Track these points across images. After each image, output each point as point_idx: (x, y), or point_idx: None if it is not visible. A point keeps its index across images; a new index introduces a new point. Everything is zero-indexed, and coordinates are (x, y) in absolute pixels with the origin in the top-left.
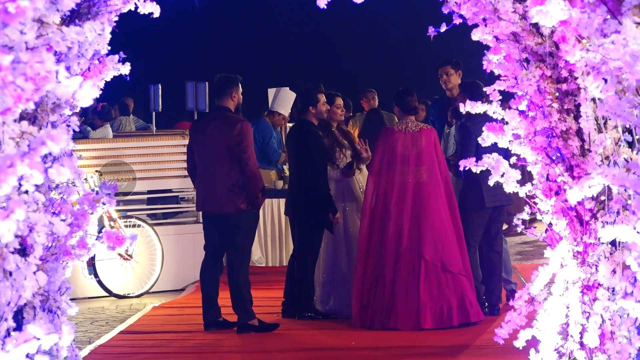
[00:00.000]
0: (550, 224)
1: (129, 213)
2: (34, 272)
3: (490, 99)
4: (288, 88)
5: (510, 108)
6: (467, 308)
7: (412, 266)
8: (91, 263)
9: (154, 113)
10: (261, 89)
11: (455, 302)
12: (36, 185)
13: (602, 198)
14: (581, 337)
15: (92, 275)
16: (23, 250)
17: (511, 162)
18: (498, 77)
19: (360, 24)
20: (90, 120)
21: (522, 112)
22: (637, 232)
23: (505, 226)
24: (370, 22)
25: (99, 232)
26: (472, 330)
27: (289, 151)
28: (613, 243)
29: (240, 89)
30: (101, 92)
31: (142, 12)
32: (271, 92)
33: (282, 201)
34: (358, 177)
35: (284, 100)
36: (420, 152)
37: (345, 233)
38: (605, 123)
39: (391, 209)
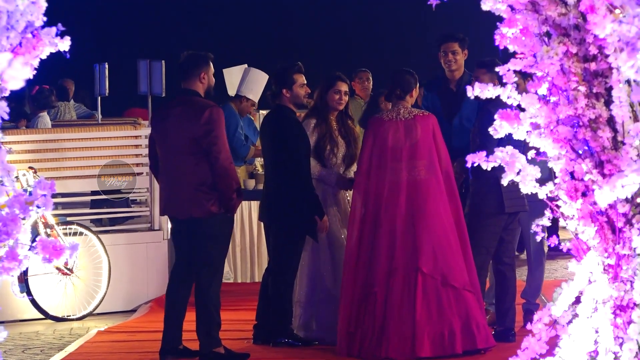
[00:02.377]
0: (576, 231)
1: (69, 218)
2: None
3: (504, 81)
4: (247, 67)
5: (528, 92)
6: (473, 332)
7: (407, 281)
8: (23, 279)
9: (99, 98)
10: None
11: (458, 325)
12: None
13: (639, 200)
14: None
15: (24, 294)
16: None
17: (529, 157)
18: (513, 54)
19: None
20: (25, 107)
21: (542, 97)
22: None
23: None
24: None
25: (33, 241)
26: (479, 359)
27: (264, 143)
28: None
29: (212, 70)
30: (35, 72)
31: None
32: (228, 72)
33: (255, 204)
34: None
35: (253, 82)
36: (415, 143)
37: (329, 244)
38: None
39: (382, 213)
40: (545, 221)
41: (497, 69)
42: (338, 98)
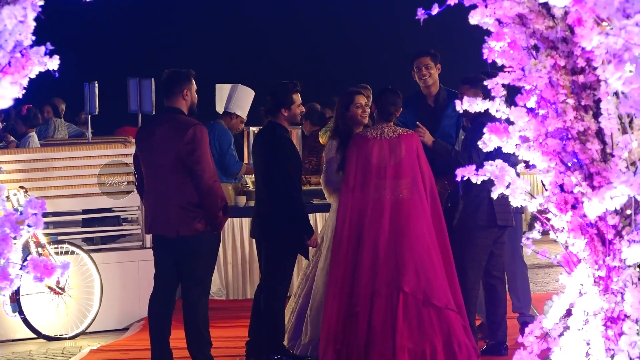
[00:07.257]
0: (566, 244)
1: (60, 237)
2: None
3: (492, 94)
4: (234, 85)
5: (516, 105)
6: (455, 350)
7: (390, 300)
8: (15, 298)
9: (89, 116)
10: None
11: (440, 343)
12: None
13: (628, 212)
14: None
15: (16, 313)
16: None
17: (518, 170)
18: (501, 68)
19: (335, 9)
20: (13, 125)
21: (530, 110)
22: None
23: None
24: (347, 5)
25: (24, 260)
26: None
27: (255, 160)
28: None
29: (194, 86)
30: (24, 91)
31: None
32: (220, 88)
33: (246, 221)
34: None
35: (241, 99)
36: (399, 162)
37: None
38: (630, 122)
39: (365, 231)
40: (535, 234)
41: (485, 83)
42: (361, 112)
